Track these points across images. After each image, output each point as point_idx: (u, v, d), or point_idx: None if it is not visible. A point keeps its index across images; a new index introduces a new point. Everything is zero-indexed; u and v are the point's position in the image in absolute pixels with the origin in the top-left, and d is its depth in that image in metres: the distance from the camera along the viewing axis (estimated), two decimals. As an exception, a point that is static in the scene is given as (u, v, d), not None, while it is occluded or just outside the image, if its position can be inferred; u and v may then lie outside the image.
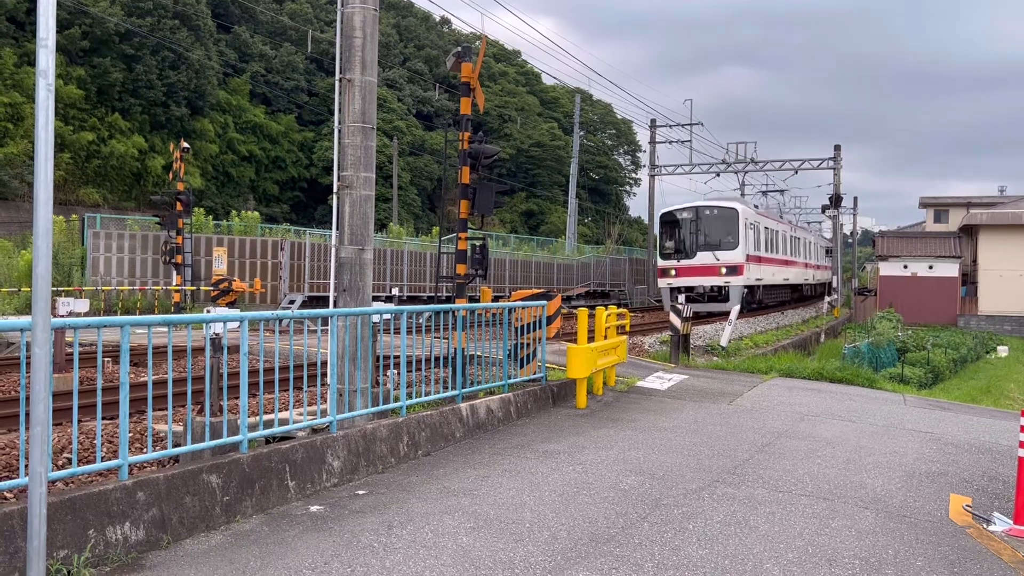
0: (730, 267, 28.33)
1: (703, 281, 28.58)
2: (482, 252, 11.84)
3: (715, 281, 28.41)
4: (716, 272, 28.36)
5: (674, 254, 29.27)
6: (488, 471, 7.14)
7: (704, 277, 28.54)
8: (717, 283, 28.46)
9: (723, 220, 28.91)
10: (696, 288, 28.59)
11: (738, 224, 28.61)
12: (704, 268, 28.55)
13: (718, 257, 28.47)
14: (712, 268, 28.41)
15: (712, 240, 28.82)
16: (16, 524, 4.35)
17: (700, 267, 28.56)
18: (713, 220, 29.05)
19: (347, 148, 8.18)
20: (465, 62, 11.33)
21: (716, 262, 28.50)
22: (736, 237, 28.44)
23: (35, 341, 3.91)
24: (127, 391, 5.15)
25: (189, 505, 5.31)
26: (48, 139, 3.95)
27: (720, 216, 29.04)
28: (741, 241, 28.42)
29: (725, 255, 28.45)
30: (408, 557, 5.01)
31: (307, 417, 6.86)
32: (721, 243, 28.65)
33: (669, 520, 5.94)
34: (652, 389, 12.74)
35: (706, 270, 28.55)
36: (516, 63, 79.80)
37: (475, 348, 9.87)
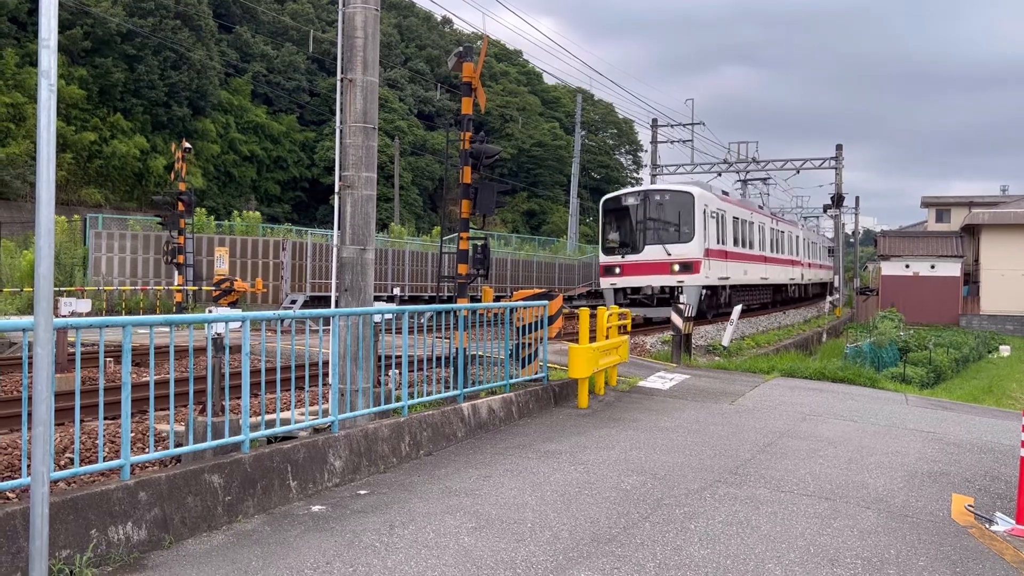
0: (684, 264, 23.51)
1: (651, 281, 23.80)
2: (484, 252, 11.85)
3: (665, 280, 23.62)
4: (667, 270, 23.65)
5: (619, 248, 24.58)
6: (490, 471, 7.14)
7: (653, 276, 23.79)
8: (668, 283, 23.59)
9: (676, 207, 24.00)
10: (643, 289, 23.90)
11: (694, 212, 23.83)
12: (653, 265, 23.82)
13: (669, 251, 23.60)
14: (662, 265, 23.69)
15: (663, 231, 23.99)
16: (19, 524, 4.35)
17: (648, 264, 23.83)
18: (664, 207, 24.15)
19: (349, 148, 8.18)
20: (467, 62, 11.34)
21: (667, 258, 23.65)
22: (692, 227, 23.69)
23: (37, 341, 3.91)
24: (129, 391, 5.16)
25: (191, 505, 5.31)
26: (50, 139, 3.95)
27: (672, 202, 24.11)
28: (698, 232, 23.68)
29: (678, 249, 23.60)
30: (410, 557, 5.01)
31: (309, 417, 6.86)
32: (673, 235, 23.90)
33: (671, 520, 5.94)
34: (654, 389, 12.74)
35: (655, 267, 23.80)
36: (517, 63, 79.81)
37: (477, 348, 9.87)
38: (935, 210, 61.86)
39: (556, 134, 74.03)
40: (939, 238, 53.68)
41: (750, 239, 29.99)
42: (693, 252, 23.64)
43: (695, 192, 24.25)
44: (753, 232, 30.51)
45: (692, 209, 23.77)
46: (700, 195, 24.28)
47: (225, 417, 5.89)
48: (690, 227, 23.70)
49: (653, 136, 45.76)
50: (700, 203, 24.10)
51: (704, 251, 23.92)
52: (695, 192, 24.25)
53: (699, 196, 24.14)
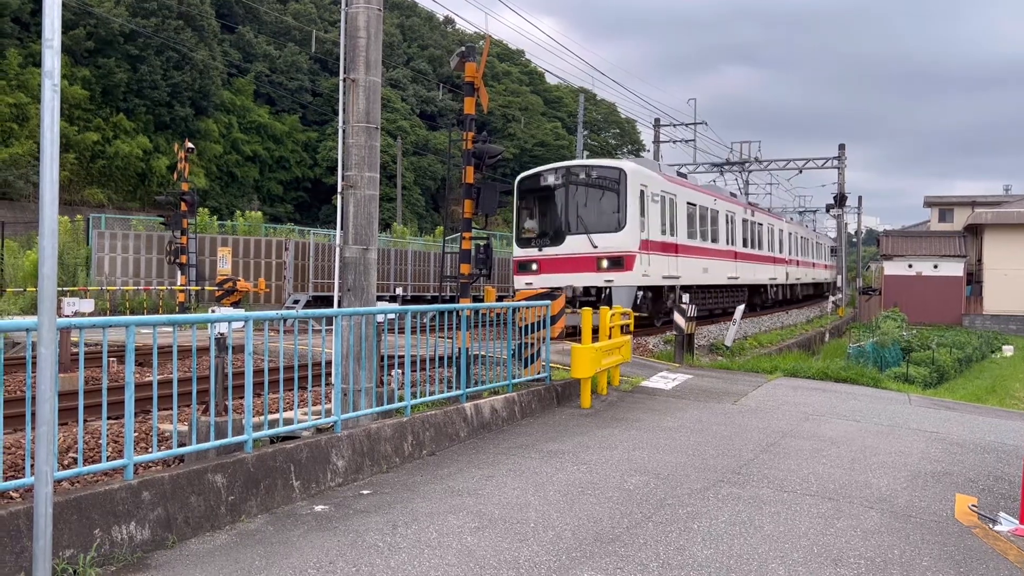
0: (612, 258, 18.86)
1: (573, 280, 19.10)
2: (486, 252, 11.85)
3: (590, 280, 19.01)
4: (593, 266, 19.03)
5: (536, 239, 19.88)
6: (493, 471, 7.14)
7: (575, 274, 19.17)
8: (593, 283, 19.02)
9: (604, 187, 19.31)
10: (563, 290, 18.51)
11: (626, 193, 18.95)
12: (576, 260, 19.22)
13: (595, 243, 18.88)
14: (587, 260, 19.11)
15: (589, 218, 19.27)
16: (22, 524, 4.36)
17: (570, 259, 19.25)
18: (591, 188, 19.42)
19: (351, 148, 8.18)
20: (469, 62, 11.34)
21: (593, 251, 18.98)
22: (623, 213, 18.90)
23: (41, 341, 3.92)
24: (132, 391, 5.16)
25: (194, 505, 5.32)
26: (54, 139, 3.96)
27: (599, 181, 19.40)
28: (631, 219, 18.93)
29: (606, 240, 18.88)
30: (413, 557, 5.01)
31: (312, 417, 6.86)
32: (601, 222, 19.19)
33: (674, 520, 5.93)
34: (656, 389, 12.72)
35: (579, 263, 19.18)
36: (520, 63, 79.80)
37: (480, 348, 9.87)
38: (938, 210, 61.79)
39: (559, 134, 73.97)
40: (942, 238, 53.61)
41: (713, 231, 25.12)
42: (624, 244, 18.91)
43: (627, 168, 19.38)
44: (718, 223, 25.60)
45: (623, 190, 18.86)
46: (635, 172, 19.41)
47: (228, 417, 5.89)
48: (621, 212, 18.90)
49: (656, 136, 45.75)
50: (634, 183, 19.20)
51: (640, 243, 19.25)
52: (627, 168, 19.38)
53: (633, 173, 19.23)
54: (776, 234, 33.68)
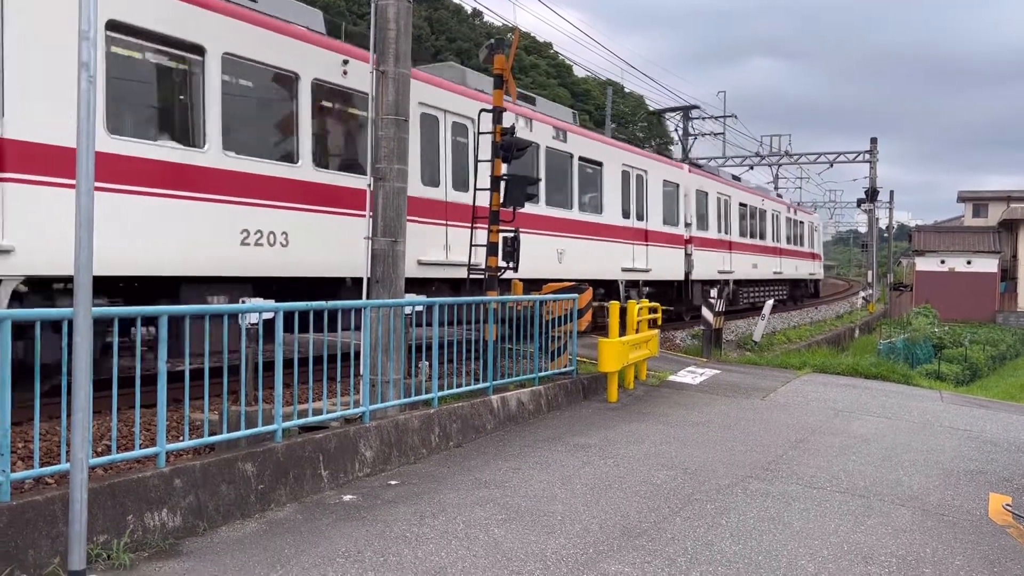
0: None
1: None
2: (513, 245, 11.83)
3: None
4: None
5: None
6: (519, 463, 7.14)
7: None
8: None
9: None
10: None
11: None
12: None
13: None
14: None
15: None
16: (58, 509, 4.44)
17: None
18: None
19: (380, 140, 8.20)
20: (498, 54, 11.31)
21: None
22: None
23: (76, 330, 3.97)
24: (164, 380, 5.22)
25: (225, 493, 5.38)
26: (89, 131, 4.01)
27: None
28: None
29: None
30: (440, 547, 5.03)
31: (340, 407, 6.91)
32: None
33: (702, 515, 5.90)
34: (684, 383, 12.66)
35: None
36: (547, 55, 79.54)
37: (506, 341, 9.87)
38: (972, 205, 60.72)
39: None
40: (976, 233, 52.71)
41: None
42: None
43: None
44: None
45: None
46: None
47: (258, 407, 5.95)
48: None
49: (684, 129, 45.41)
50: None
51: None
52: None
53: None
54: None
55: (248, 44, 9.34)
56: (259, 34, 9.50)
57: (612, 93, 50.40)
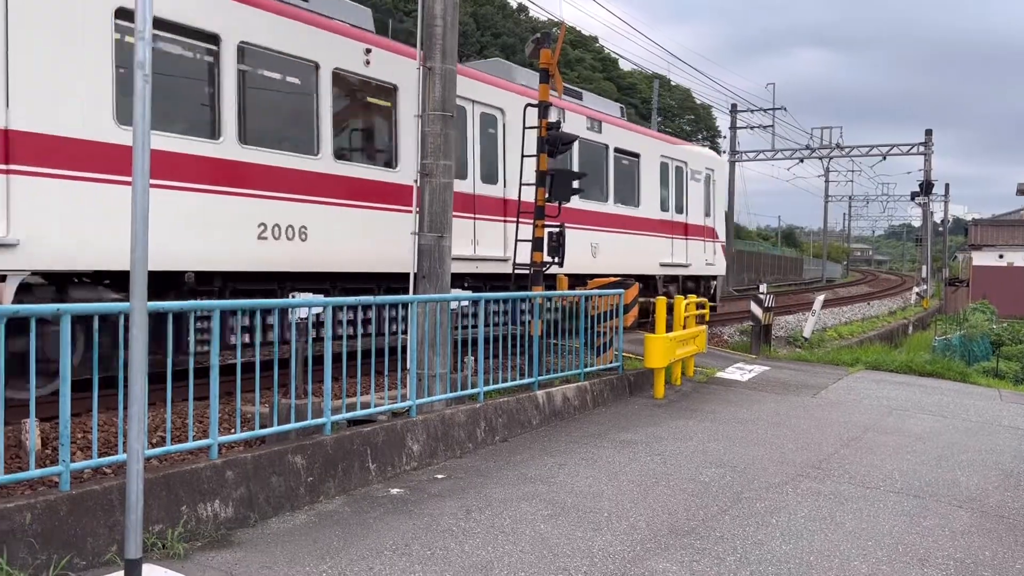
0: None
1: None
2: (559, 240, 11.79)
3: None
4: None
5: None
6: (565, 459, 7.12)
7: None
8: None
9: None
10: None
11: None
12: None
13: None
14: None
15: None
16: (115, 498, 4.55)
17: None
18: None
19: (427, 136, 8.24)
20: (544, 48, 11.27)
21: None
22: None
23: (133, 324, 4.06)
24: (217, 373, 5.32)
25: (275, 485, 5.46)
26: (145, 129, 4.08)
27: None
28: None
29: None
30: (487, 542, 5.03)
31: (388, 401, 6.96)
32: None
33: (751, 514, 5.81)
34: (732, 380, 12.50)
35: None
36: (593, 49, 79.13)
37: (551, 336, 9.85)
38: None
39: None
40: (1037, 227, 51.02)
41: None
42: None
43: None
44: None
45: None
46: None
47: (308, 400, 6.02)
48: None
49: (732, 122, 44.82)
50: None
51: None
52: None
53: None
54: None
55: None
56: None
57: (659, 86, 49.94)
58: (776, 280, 59.66)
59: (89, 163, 7.47)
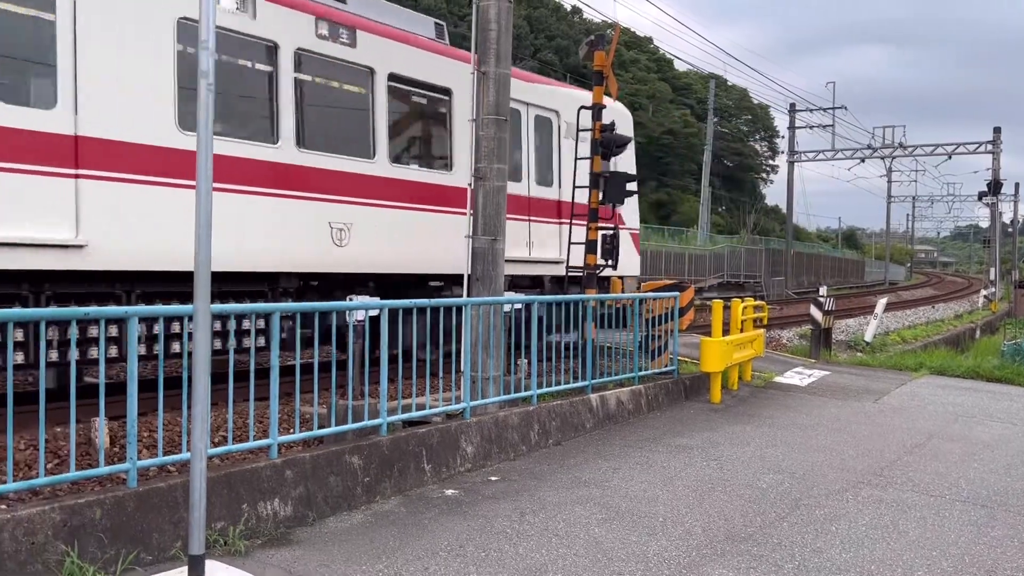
0: None
1: None
2: (612, 242, 11.74)
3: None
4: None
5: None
6: (619, 463, 7.09)
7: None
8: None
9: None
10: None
11: None
12: None
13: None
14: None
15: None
16: (179, 496, 4.68)
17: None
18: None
19: (481, 140, 8.29)
20: (598, 50, 11.24)
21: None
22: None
23: (197, 326, 4.18)
24: (277, 374, 5.43)
25: (333, 484, 5.55)
26: (208, 137, 4.20)
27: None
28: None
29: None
30: (540, 545, 5.04)
31: (442, 403, 7.02)
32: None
33: (810, 521, 5.71)
34: (791, 385, 12.28)
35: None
36: (647, 50, 78.57)
37: (605, 339, 9.81)
38: (1109, 196, 56.39)
39: (687, 121, 72.38)
40: (1114, 227, 48.94)
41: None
42: None
43: None
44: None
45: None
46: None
47: (364, 401, 6.11)
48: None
49: (791, 121, 44.04)
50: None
51: None
52: None
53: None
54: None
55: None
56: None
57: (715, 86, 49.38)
58: (836, 283, 58.41)
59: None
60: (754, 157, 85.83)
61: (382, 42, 10.10)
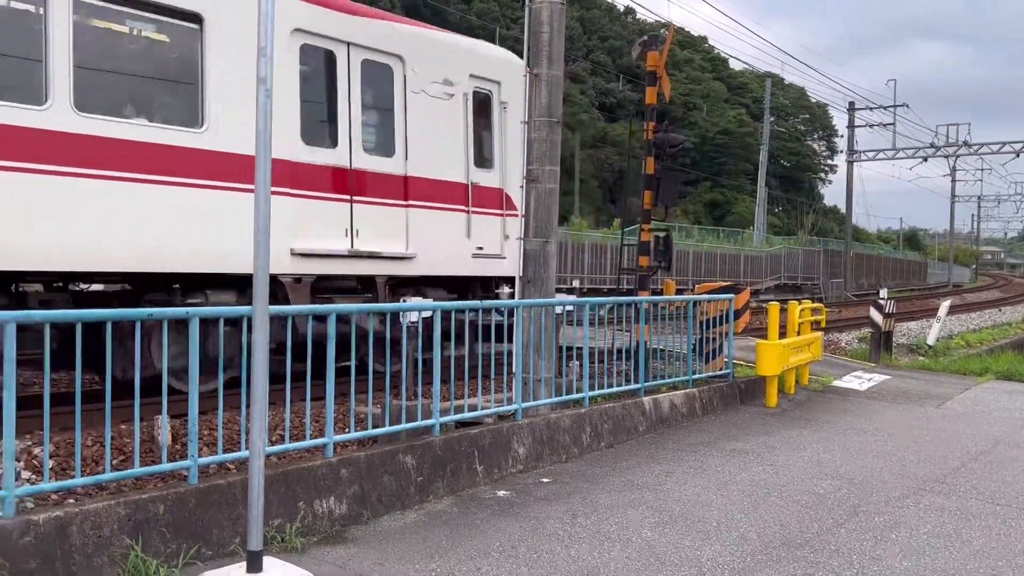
0: None
1: None
2: (666, 244, 11.65)
3: None
4: None
5: None
6: (672, 467, 7.03)
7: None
8: None
9: None
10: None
11: None
12: None
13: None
14: None
15: None
16: (238, 493, 4.79)
17: None
18: None
19: (533, 142, 8.31)
20: (651, 51, 11.18)
21: None
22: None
23: (255, 327, 4.28)
24: (332, 373, 5.52)
25: (387, 484, 5.62)
26: (266, 143, 4.29)
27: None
28: None
29: None
30: (593, 547, 5.03)
31: (494, 404, 7.06)
32: None
33: (869, 528, 5.58)
34: (849, 389, 12.02)
35: None
36: (701, 49, 77.72)
37: (658, 342, 9.74)
38: None
39: (742, 121, 71.40)
40: None
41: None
42: None
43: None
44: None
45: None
46: None
47: (418, 401, 6.17)
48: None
49: (850, 120, 43.13)
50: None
51: None
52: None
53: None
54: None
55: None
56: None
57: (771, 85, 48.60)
58: (897, 285, 56.95)
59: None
60: (812, 157, 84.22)
61: None
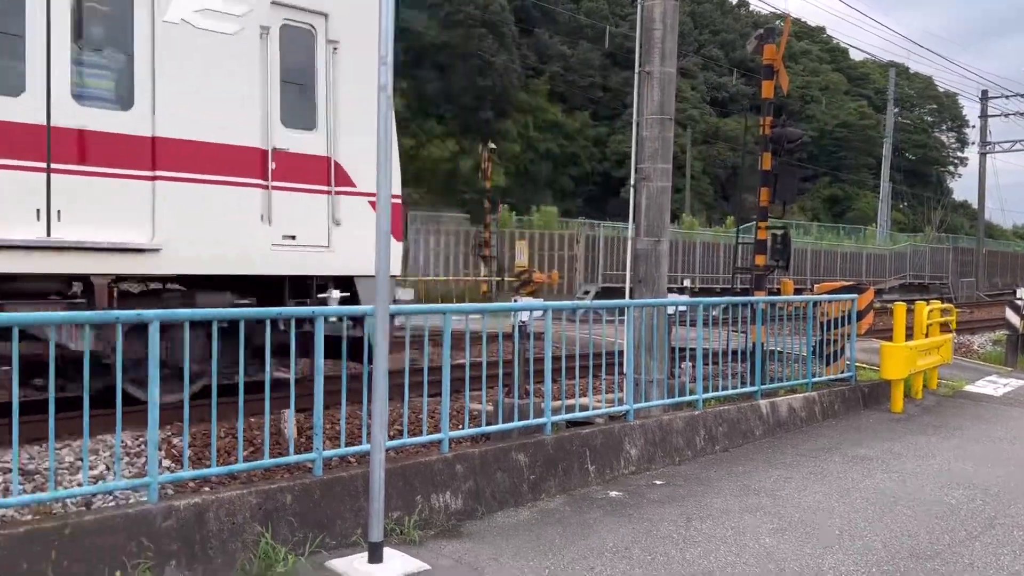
0: None
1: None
2: (784, 242, 11.30)
3: None
4: None
5: None
6: (791, 472, 6.83)
7: None
8: None
9: None
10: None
11: None
12: None
13: None
14: None
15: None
16: (359, 485, 4.97)
17: None
18: None
19: (645, 140, 8.24)
20: (768, 44, 10.88)
21: None
22: None
23: (377, 326, 4.43)
24: (448, 371, 5.66)
25: (500, 480, 5.71)
26: (388, 147, 4.45)
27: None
28: None
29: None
30: (708, 552, 4.95)
31: (605, 404, 7.04)
32: None
33: (1006, 542, 5.26)
34: (983, 394, 11.34)
35: None
36: (819, 40, 74.84)
37: (775, 343, 9.46)
38: None
39: (864, 113, 68.29)
40: None
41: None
42: None
43: None
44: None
45: None
46: None
47: (529, 400, 6.24)
48: None
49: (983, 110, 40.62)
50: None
51: None
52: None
53: None
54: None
55: None
56: None
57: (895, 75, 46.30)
58: (1037, 284, 53.15)
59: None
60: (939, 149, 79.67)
61: None
